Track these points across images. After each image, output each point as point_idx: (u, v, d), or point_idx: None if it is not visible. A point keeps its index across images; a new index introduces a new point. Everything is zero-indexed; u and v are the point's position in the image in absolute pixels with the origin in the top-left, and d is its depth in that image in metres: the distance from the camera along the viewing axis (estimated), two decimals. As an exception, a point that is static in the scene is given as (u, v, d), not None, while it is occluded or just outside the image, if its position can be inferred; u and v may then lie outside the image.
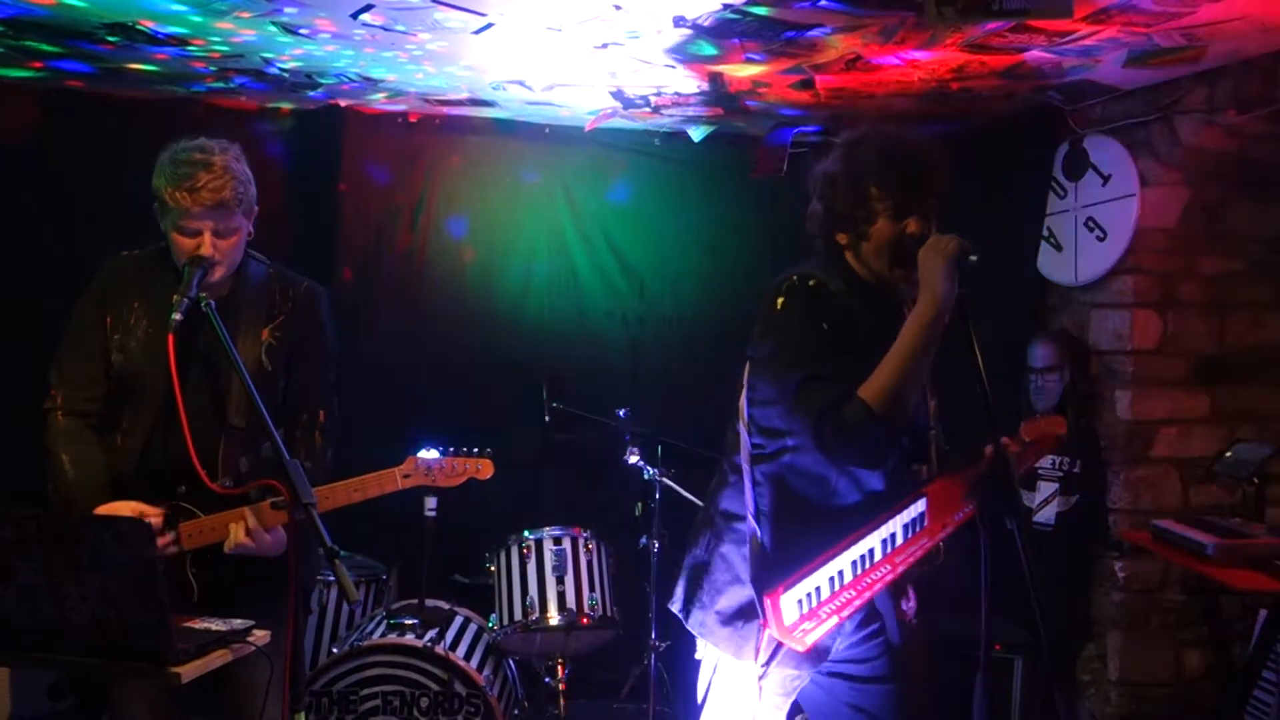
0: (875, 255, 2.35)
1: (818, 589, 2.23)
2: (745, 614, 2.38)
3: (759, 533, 2.37)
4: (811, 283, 2.33)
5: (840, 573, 2.24)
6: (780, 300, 2.33)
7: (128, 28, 3.52)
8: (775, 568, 2.30)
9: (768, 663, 2.34)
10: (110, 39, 3.66)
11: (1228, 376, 4.27)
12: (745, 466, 2.42)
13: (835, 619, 2.24)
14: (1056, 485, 4.14)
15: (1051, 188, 4.42)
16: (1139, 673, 4.20)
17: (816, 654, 2.36)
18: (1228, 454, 3.76)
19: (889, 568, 2.29)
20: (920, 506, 2.32)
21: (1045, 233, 4.44)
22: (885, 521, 2.28)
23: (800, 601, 2.21)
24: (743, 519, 2.41)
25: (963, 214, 2.50)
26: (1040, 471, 4.19)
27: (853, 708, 2.48)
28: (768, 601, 2.20)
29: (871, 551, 2.27)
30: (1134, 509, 4.16)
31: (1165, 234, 4.10)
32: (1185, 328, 4.20)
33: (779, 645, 2.29)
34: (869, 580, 2.27)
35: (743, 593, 2.38)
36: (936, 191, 2.34)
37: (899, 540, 2.30)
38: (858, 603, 2.26)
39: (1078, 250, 4.30)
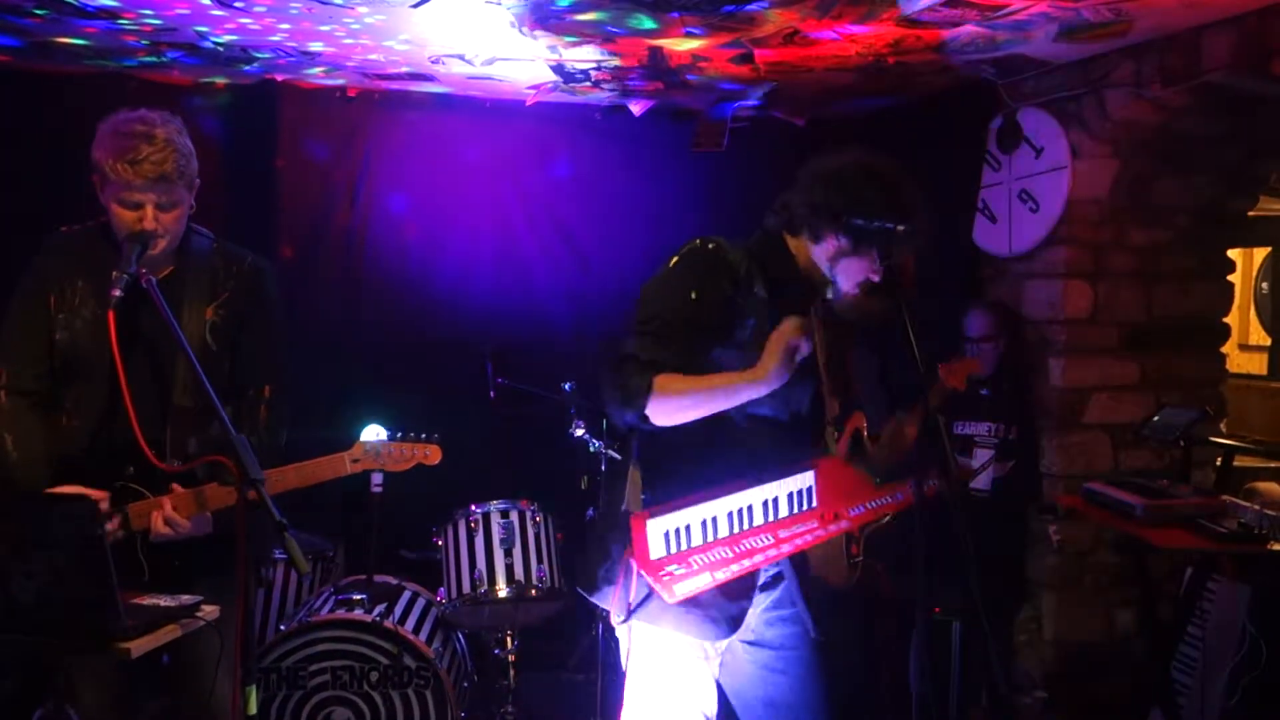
0: (818, 259, 2.38)
1: (687, 527, 2.19)
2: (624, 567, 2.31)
3: (637, 474, 2.36)
4: (711, 246, 2.36)
5: (714, 519, 2.22)
6: (675, 259, 2.37)
7: (56, 0, 3.45)
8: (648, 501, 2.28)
9: (636, 607, 2.27)
10: (38, 12, 3.57)
11: (1156, 344, 4.37)
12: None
13: (708, 576, 2.17)
14: (992, 452, 4.22)
15: (986, 160, 4.50)
16: (1072, 632, 4.31)
17: (730, 620, 2.33)
18: (1156, 419, 3.85)
19: (770, 539, 2.26)
20: (807, 479, 2.32)
21: (980, 204, 4.52)
22: (767, 482, 2.29)
23: (668, 535, 2.17)
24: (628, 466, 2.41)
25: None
26: (977, 439, 4.27)
27: (766, 703, 2.45)
28: (634, 522, 2.17)
29: (750, 509, 2.26)
30: (1067, 474, 4.26)
31: (1096, 205, 4.19)
32: (1115, 297, 4.29)
33: (649, 594, 2.23)
34: (747, 546, 2.23)
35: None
36: (904, 245, 2.35)
37: (781, 509, 2.29)
38: (734, 567, 2.21)
39: (1011, 222, 4.38)
